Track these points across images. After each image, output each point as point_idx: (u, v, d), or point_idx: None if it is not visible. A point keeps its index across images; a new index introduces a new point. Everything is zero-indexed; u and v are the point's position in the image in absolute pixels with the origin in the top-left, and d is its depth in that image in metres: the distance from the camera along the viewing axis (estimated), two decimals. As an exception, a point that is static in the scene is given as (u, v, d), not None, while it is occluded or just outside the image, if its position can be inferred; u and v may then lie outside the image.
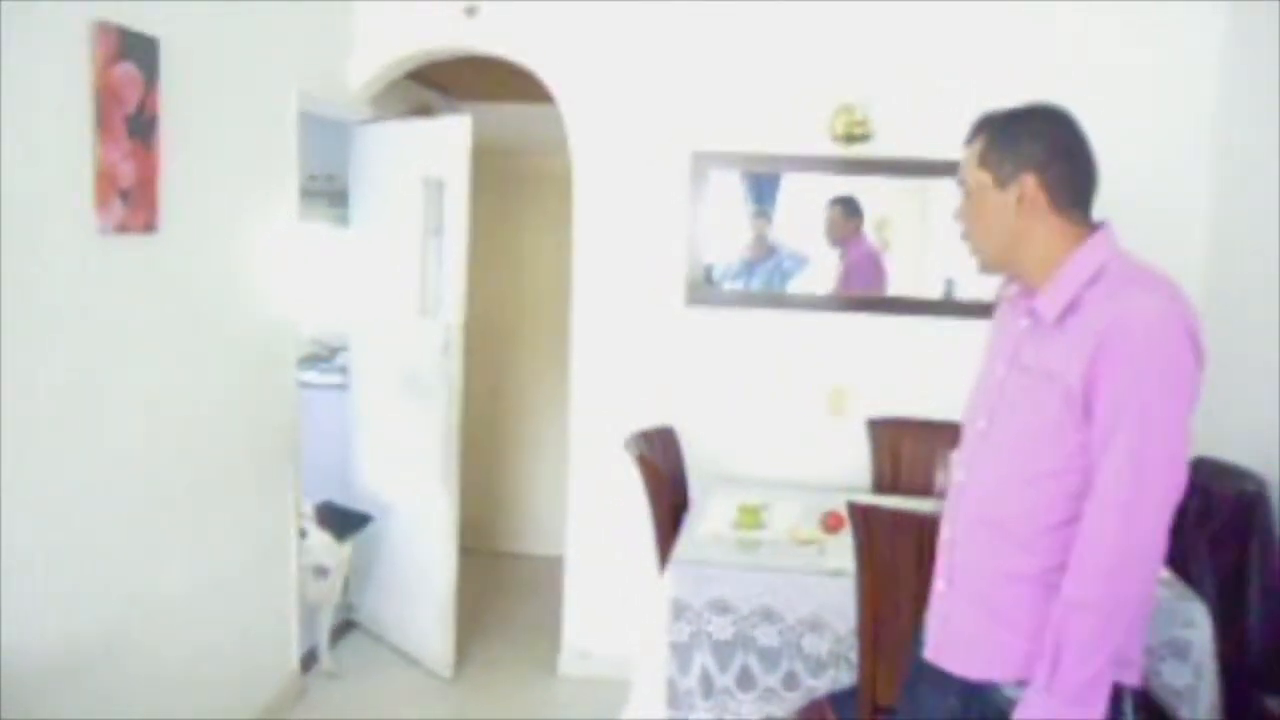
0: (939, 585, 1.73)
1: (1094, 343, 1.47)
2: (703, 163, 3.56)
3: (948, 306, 3.54)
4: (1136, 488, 1.46)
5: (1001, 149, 1.60)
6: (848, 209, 3.63)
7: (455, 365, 3.65)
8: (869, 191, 3.56)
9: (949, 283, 3.58)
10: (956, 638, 1.67)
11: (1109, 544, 1.47)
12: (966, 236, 1.69)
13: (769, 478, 3.58)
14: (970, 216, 1.66)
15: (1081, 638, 1.47)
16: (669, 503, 3.02)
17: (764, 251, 3.65)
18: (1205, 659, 2.38)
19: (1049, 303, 1.56)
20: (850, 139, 3.41)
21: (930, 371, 3.53)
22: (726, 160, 3.56)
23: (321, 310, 4.57)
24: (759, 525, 2.85)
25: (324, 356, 4.68)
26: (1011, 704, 1.56)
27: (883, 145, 3.43)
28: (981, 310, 3.50)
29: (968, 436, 1.71)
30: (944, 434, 3.42)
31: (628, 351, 3.67)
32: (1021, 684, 1.56)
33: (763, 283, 3.62)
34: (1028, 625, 1.57)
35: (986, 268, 1.69)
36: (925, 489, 3.42)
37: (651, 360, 3.66)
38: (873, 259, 3.67)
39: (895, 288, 3.60)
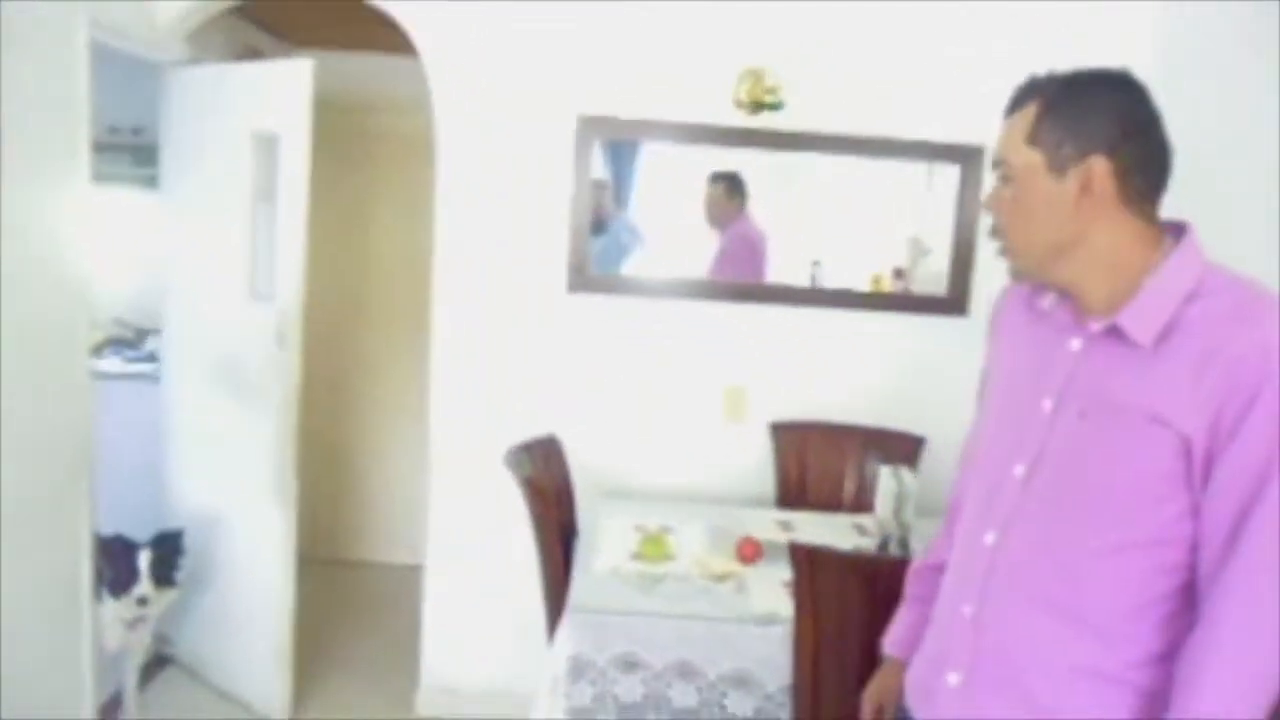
0: (950, 679, 1.34)
1: (1225, 378, 1.12)
2: (590, 129, 3.09)
3: (823, 296, 3.21)
4: None
5: (1061, 123, 1.22)
6: (730, 187, 3.24)
7: (292, 359, 3.07)
8: (779, 167, 3.17)
9: (815, 265, 3.24)
10: None
11: (1267, 635, 1.12)
12: (1000, 232, 1.31)
13: (663, 489, 3.18)
14: (1009, 207, 1.28)
15: None
16: (557, 528, 2.56)
17: (598, 225, 3.19)
18: None
19: (1141, 322, 1.20)
20: (758, 107, 3.01)
21: (831, 368, 3.20)
22: (618, 127, 3.10)
23: (127, 284, 3.87)
24: (665, 556, 2.44)
25: (129, 340, 3.96)
26: None
27: (795, 116, 3.05)
28: (858, 300, 3.43)
29: (990, 485, 1.33)
30: (852, 438, 3.13)
31: (500, 343, 3.17)
32: None
33: (596, 261, 3.17)
34: None
35: (1026, 273, 1.32)
36: (834, 499, 3.10)
37: (528, 354, 3.18)
38: (750, 243, 3.28)
39: (791, 276, 3.24)
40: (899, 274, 3.24)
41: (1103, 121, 1.21)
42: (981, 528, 1.33)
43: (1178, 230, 1.26)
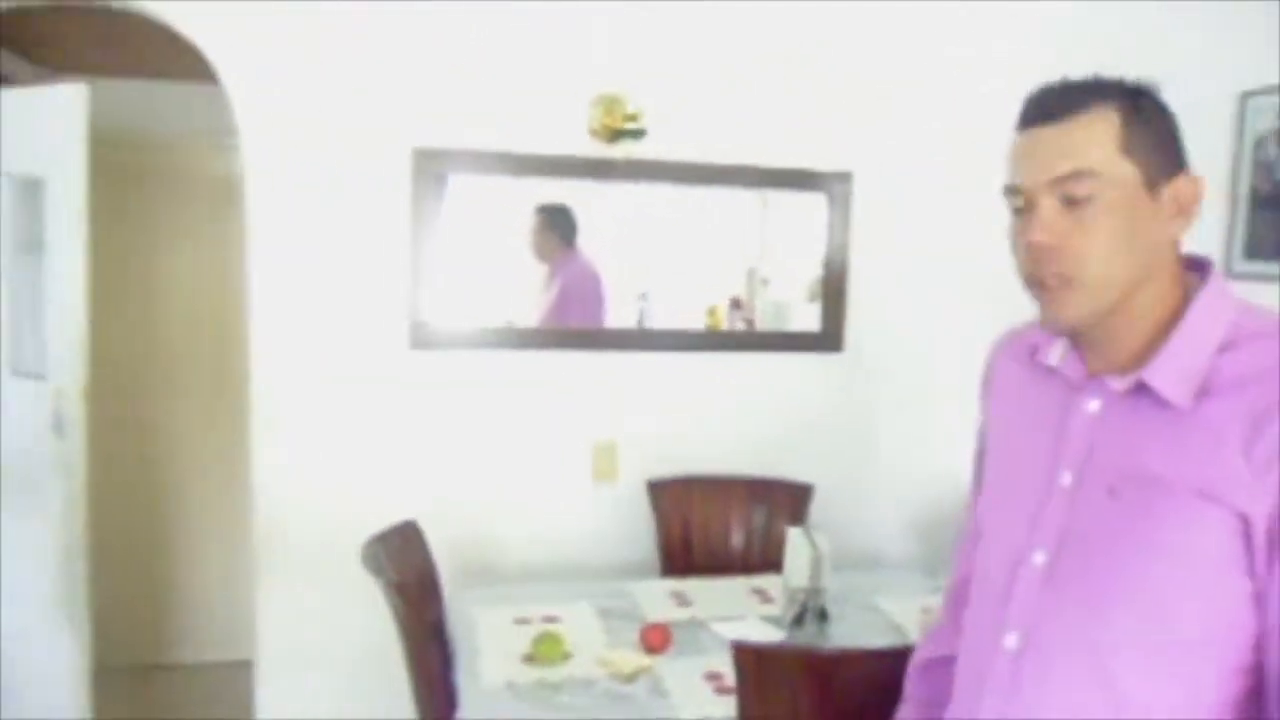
0: None
1: None
2: (429, 163, 2.72)
3: (690, 339, 2.99)
4: None
5: (1152, 132, 1.01)
6: (556, 219, 2.96)
7: (75, 448, 2.54)
8: (628, 199, 2.90)
9: (642, 300, 3.03)
10: None
11: None
12: (1059, 265, 1.02)
13: (535, 565, 2.84)
14: (1088, 230, 1.00)
15: None
16: (428, 629, 2.17)
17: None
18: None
19: (1173, 378, 0.99)
20: (616, 135, 2.74)
21: (706, 415, 2.96)
22: (463, 161, 2.75)
23: None
24: (561, 656, 2.09)
25: None
26: None
27: (657, 145, 2.79)
28: (729, 340, 3.31)
29: (1003, 576, 1.10)
30: (736, 491, 2.90)
31: (333, 410, 2.74)
32: None
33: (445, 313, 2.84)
34: None
35: (1086, 319, 1.04)
36: (723, 560, 2.84)
37: (368, 421, 2.76)
38: (588, 280, 3.03)
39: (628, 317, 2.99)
40: (736, 304, 3.06)
41: (1176, 137, 1.02)
42: (998, 628, 1.10)
43: (1194, 266, 1.08)
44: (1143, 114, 1.01)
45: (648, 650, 2.14)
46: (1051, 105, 1.03)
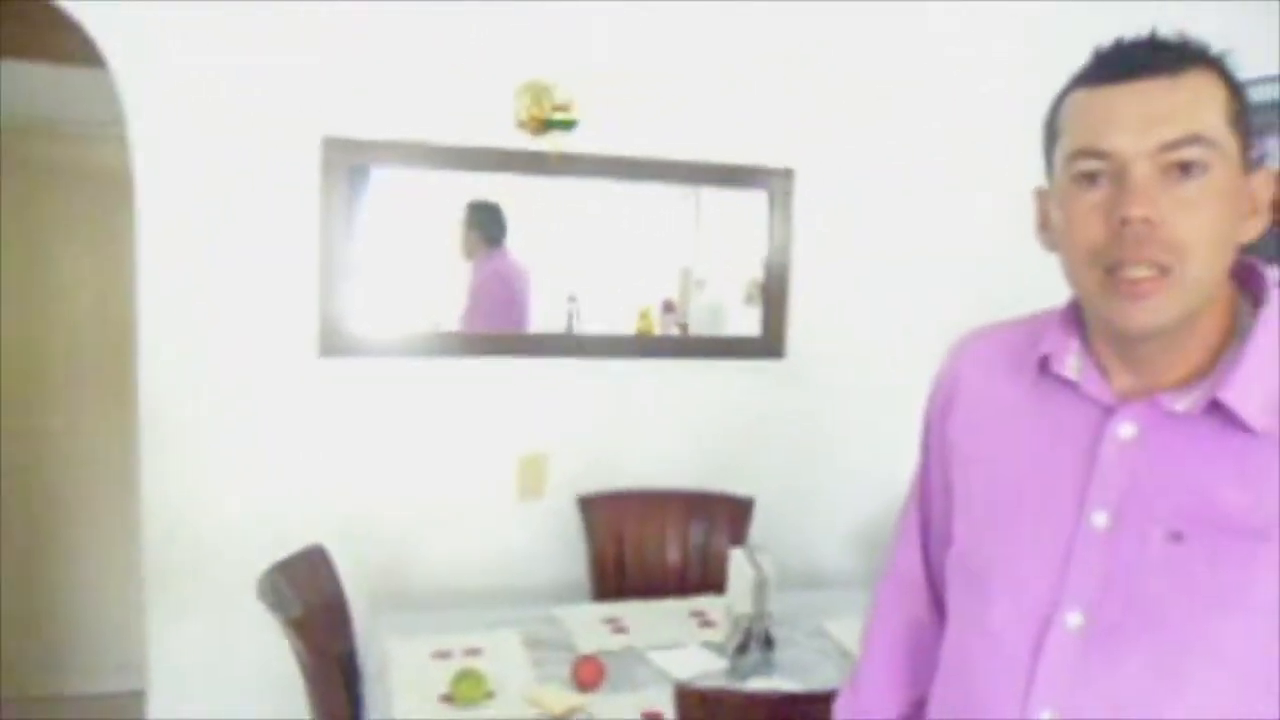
0: None
1: None
2: (342, 154, 2.50)
3: (623, 344, 2.81)
4: None
5: (1246, 108, 0.85)
6: (481, 217, 2.77)
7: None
8: (551, 194, 2.71)
9: (571, 302, 2.85)
10: None
11: None
12: (1159, 249, 0.82)
13: (456, 591, 2.64)
14: (1196, 212, 0.82)
15: None
16: (335, 665, 1.96)
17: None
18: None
19: (1253, 395, 0.83)
20: (545, 126, 2.55)
21: (639, 425, 2.79)
22: (380, 152, 2.54)
23: None
24: (484, 695, 1.90)
25: None
26: None
27: (587, 137, 2.61)
28: (664, 345, 3.14)
29: (1022, 642, 0.92)
30: (673, 506, 2.74)
31: (234, 421, 2.50)
32: None
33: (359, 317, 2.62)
34: None
35: (1177, 317, 0.84)
36: (659, 580, 2.67)
37: (272, 433, 2.53)
38: (509, 281, 2.83)
39: (557, 321, 2.79)
40: (669, 307, 2.90)
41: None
42: (1020, 706, 0.90)
43: (1237, 272, 0.92)
44: (1239, 87, 0.85)
45: (580, 687, 1.95)
46: (1148, 58, 0.84)
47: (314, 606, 2.04)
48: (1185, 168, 0.81)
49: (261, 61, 2.43)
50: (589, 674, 1.96)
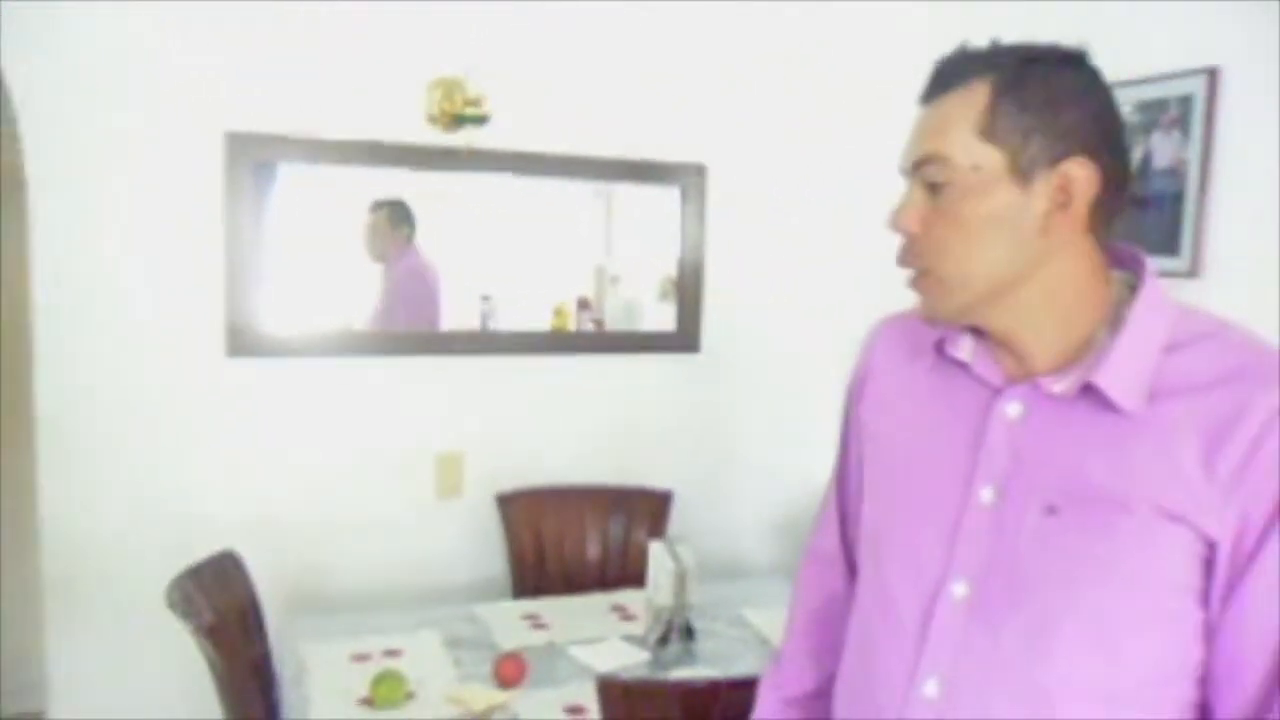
0: None
1: (1253, 458, 0.82)
2: (246, 149, 2.44)
3: (536, 341, 2.81)
4: None
5: (1031, 112, 0.88)
6: (391, 215, 2.74)
7: None
8: (457, 191, 2.68)
9: (485, 301, 2.84)
10: None
11: None
12: (920, 256, 0.94)
13: (373, 592, 2.61)
14: (941, 223, 0.92)
15: None
16: (250, 670, 1.91)
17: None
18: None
19: (1124, 380, 0.88)
20: (457, 121, 2.53)
21: (556, 422, 2.79)
22: (286, 147, 2.48)
23: None
24: (404, 697, 1.88)
25: None
26: None
27: (499, 133, 2.60)
28: (577, 341, 3.14)
29: (911, 611, 0.96)
30: (591, 501, 2.75)
31: (138, 424, 2.41)
32: None
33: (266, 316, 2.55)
34: None
35: (951, 314, 0.95)
36: (579, 576, 2.68)
37: (178, 436, 2.45)
38: (421, 279, 2.80)
39: (469, 317, 2.77)
40: (584, 304, 2.91)
41: (1081, 115, 0.89)
42: (910, 673, 0.96)
43: (1124, 261, 0.97)
44: (1019, 91, 0.89)
45: (502, 684, 1.95)
46: (933, 80, 0.95)
47: (226, 612, 1.99)
48: (932, 184, 0.92)
49: (161, 53, 2.35)
50: (511, 671, 1.95)
